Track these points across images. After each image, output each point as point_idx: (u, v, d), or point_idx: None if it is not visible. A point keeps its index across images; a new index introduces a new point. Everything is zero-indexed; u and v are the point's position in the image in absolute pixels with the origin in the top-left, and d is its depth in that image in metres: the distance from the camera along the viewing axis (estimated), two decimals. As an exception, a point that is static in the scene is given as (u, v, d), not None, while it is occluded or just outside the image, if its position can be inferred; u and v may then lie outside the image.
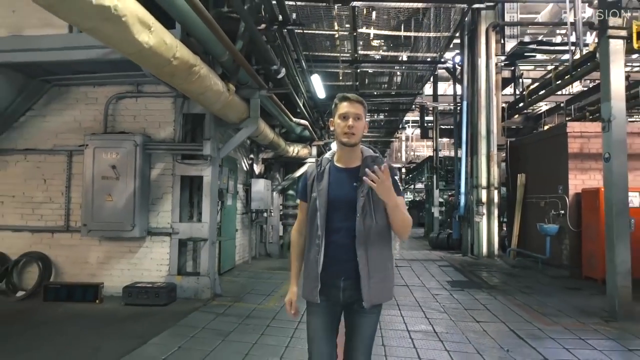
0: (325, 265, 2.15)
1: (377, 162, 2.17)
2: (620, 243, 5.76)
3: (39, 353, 4.11)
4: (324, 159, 2.35)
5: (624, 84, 6.01)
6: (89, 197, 5.96)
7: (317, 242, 2.17)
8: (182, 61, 4.10)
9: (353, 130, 2.16)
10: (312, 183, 2.28)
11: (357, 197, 2.15)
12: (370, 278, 2.11)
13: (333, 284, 2.16)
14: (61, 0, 2.55)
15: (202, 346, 4.25)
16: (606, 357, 4.39)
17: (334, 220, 2.18)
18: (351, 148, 2.22)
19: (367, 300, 2.11)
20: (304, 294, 2.25)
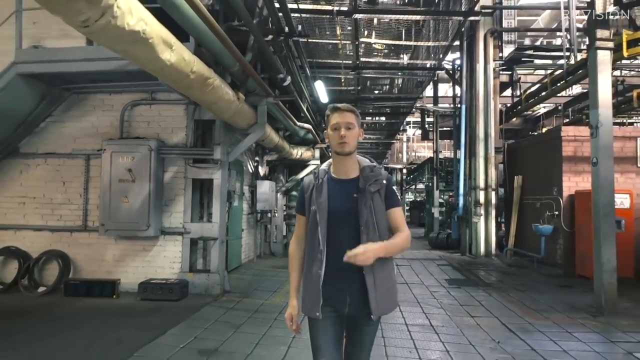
0: (330, 280, 2.13)
1: (375, 173, 2.22)
2: (607, 243, 6.11)
3: (69, 341, 4.49)
4: (320, 170, 2.31)
5: (610, 93, 6.36)
6: (106, 198, 6.34)
7: (319, 256, 2.14)
8: (199, 75, 4.48)
9: (346, 139, 2.15)
10: (310, 196, 2.24)
11: (359, 209, 2.14)
12: (377, 290, 2.11)
13: (338, 297, 2.14)
14: (101, 30, 2.92)
15: (216, 336, 4.63)
16: (589, 348, 4.74)
17: (335, 233, 2.15)
18: (347, 157, 2.21)
19: (375, 312, 2.11)
20: (304, 309, 2.21)
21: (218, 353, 4.16)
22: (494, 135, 11.88)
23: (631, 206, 8.75)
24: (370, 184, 2.17)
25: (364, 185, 2.16)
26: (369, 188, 2.16)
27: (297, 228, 2.38)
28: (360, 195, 2.15)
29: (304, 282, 2.24)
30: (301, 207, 2.30)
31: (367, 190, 2.15)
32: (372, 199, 2.15)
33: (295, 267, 2.32)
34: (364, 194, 2.14)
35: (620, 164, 9.62)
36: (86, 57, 5.89)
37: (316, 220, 2.16)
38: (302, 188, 2.33)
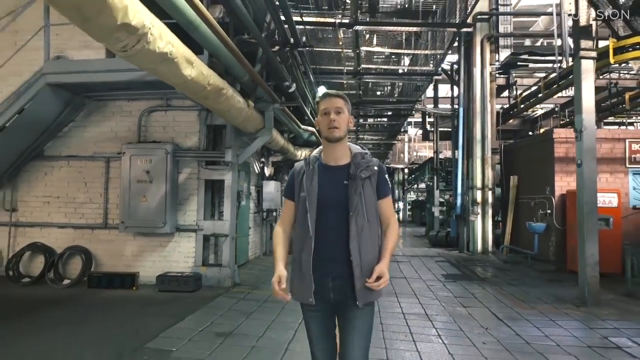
0: (317, 265, 2.13)
1: (366, 159, 2.21)
2: (590, 239, 6.58)
3: (98, 325, 5.01)
4: (311, 157, 2.30)
5: (594, 99, 6.83)
6: (126, 198, 6.86)
7: (309, 242, 2.12)
8: (214, 86, 4.98)
9: (335, 124, 2.14)
10: (300, 182, 2.23)
11: (349, 195, 2.13)
12: (364, 277, 2.08)
13: (322, 284, 2.13)
14: (137, 53, 3.42)
15: (231, 322, 5.14)
16: (569, 333, 5.22)
17: (324, 219, 2.14)
18: (338, 144, 2.20)
19: (360, 298, 2.09)
20: (297, 297, 2.20)
21: (233, 335, 4.66)
22: (490, 136, 12.33)
23: (619, 205, 9.19)
24: (361, 170, 2.16)
25: (355, 171, 2.15)
26: (359, 174, 2.14)
27: (283, 213, 2.37)
28: (351, 181, 2.14)
29: (294, 270, 2.21)
30: (290, 192, 2.29)
31: (358, 176, 2.14)
32: (362, 185, 2.14)
33: (279, 241, 2.28)
34: (355, 180, 2.13)
35: (610, 165, 10.09)
36: (108, 68, 6.41)
37: (305, 207, 2.15)
38: (293, 173, 2.33)
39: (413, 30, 7.37)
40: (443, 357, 4.32)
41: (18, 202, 7.44)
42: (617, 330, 5.35)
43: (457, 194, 13.43)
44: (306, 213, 2.14)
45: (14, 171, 7.33)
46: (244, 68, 5.78)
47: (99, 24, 2.97)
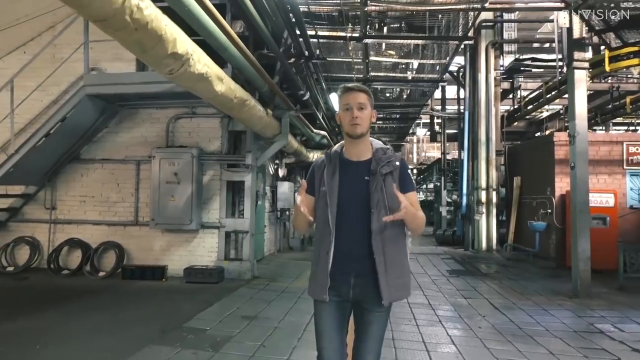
0: (336, 262, 2.09)
1: (388, 155, 2.18)
2: (582, 236, 7.12)
3: (137, 311, 5.68)
4: (333, 152, 2.25)
5: (586, 106, 7.36)
6: (156, 197, 7.54)
7: (329, 238, 2.09)
8: (240, 99, 5.63)
9: (358, 120, 2.10)
10: (321, 176, 2.20)
11: (371, 191, 2.09)
12: (388, 275, 2.05)
13: (343, 280, 2.10)
14: (180, 75, 4.07)
15: (254, 307, 5.79)
16: (559, 320, 5.77)
17: (346, 215, 2.10)
18: (359, 139, 2.16)
19: (386, 297, 2.06)
20: (312, 292, 2.19)
21: (257, 318, 5.31)
22: (494, 139, 12.85)
23: (615, 205, 9.67)
24: (383, 165, 2.12)
25: (376, 167, 2.12)
26: (380, 170, 2.11)
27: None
28: (372, 177, 2.11)
29: (313, 264, 2.21)
30: (310, 187, 2.24)
31: (379, 172, 2.10)
32: (384, 181, 2.10)
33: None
34: (376, 176, 2.10)
35: (608, 166, 10.57)
36: (140, 80, 7.10)
37: (326, 202, 2.12)
38: (313, 168, 2.28)
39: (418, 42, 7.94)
40: (442, 338, 4.91)
41: (57, 201, 8.17)
42: (603, 318, 5.90)
43: (462, 194, 13.97)
44: (327, 208, 2.11)
45: (53, 173, 8.06)
46: (264, 80, 6.42)
47: (154, 54, 3.63)
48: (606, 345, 4.75)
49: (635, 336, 5.07)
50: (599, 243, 8.93)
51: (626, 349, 4.65)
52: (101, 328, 4.87)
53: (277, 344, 4.40)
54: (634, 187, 10.40)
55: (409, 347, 4.51)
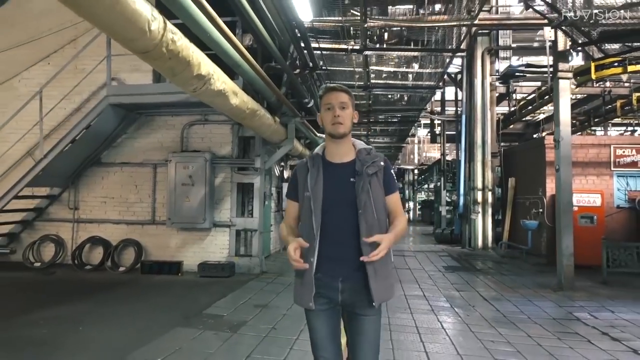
0: (321, 267, 2.07)
1: (372, 155, 2.14)
2: (566, 233, 7.70)
3: (158, 300, 6.31)
4: (314, 154, 2.21)
5: (569, 113, 7.95)
6: (172, 198, 8.16)
7: (313, 244, 2.05)
8: (251, 110, 6.25)
9: (340, 119, 2.07)
10: (303, 181, 2.15)
11: (357, 193, 2.06)
12: (377, 276, 2.05)
13: (330, 285, 2.08)
14: (202, 92, 4.69)
15: (264, 298, 6.40)
16: (541, 309, 6.36)
17: (330, 219, 2.07)
18: (341, 140, 2.13)
19: (377, 299, 2.04)
20: (297, 300, 2.16)
21: (268, 307, 5.92)
22: (490, 141, 13.42)
23: (602, 204, 10.24)
24: (368, 166, 2.10)
25: (361, 168, 2.09)
26: (366, 171, 2.08)
27: (286, 215, 2.30)
28: (358, 178, 2.07)
29: (297, 272, 2.15)
30: (293, 193, 2.22)
31: (365, 173, 2.08)
32: (369, 182, 2.08)
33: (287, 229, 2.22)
34: (362, 177, 2.06)
35: (597, 168, 11.13)
36: (158, 91, 7.73)
37: (310, 207, 2.08)
38: (295, 172, 2.24)
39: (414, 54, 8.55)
40: (433, 323, 5.51)
41: (80, 202, 8.81)
42: (581, 307, 6.48)
43: (459, 194, 14.56)
44: (311, 213, 2.07)
45: (76, 176, 8.70)
46: (272, 91, 7.03)
47: (182, 77, 4.24)
48: (579, 330, 5.34)
49: (606, 322, 5.67)
50: (586, 240, 9.55)
51: (596, 333, 5.24)
52: (130, 314, 5.50)
53: (287, 327, 5.01)
54: (620, 187, 10.95)
55: (403, 330, 5.12)
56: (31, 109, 7.87)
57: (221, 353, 4.15)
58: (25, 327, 4.82)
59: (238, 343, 4.45)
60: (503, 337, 4.97)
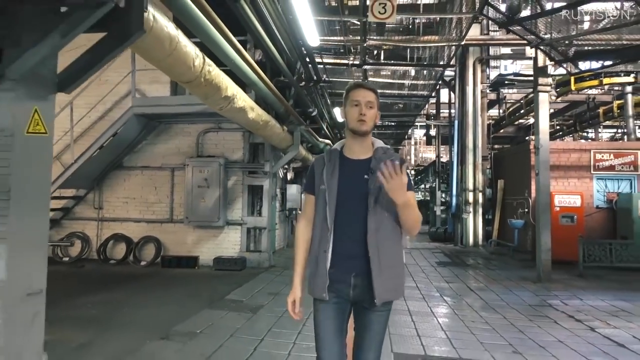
0: (335, 261, 2.09)
1: (388, 154, 2.15)
2: (544, 231, 8.58)
3: (181, 289, 7.15)
4: (332, 150, 2.24)
5: (548, 123, 8.82)
6: (189, 199, 9.01)
7: (327, 236, 2.10)
8: (265, 121, 7.10)
9: (365, 117, 2.08)
10: (320, 174, 2.18)
11: (369, 190, 2.08)
12: (382, 274, 2.05)
13: (343, 280, 2.10)
14: (227, 110, 5.54)
15: (276, 286, 7.26)
16: (519, 297, 7.23)
17: (344, 214, 2.10)
18: (362, 138, 2.15)
19: (378, 297, 2.05)
20: (311, 291, 2.17)
21: (279, 294, 6.77)
22: (481, 145, 14.31)
23: (582, 205, 11.12)
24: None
25: (376, 166, 2.08)
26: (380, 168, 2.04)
27: (305, 208, 2.32)
28: (372, 176, 2.08)
29: (310, 264, 2.19)
30: (310, 186, 2.25)
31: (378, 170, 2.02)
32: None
33: (301, 243, 2.27)
34: (375, 174, 2.03)
35: (578, 171, 12.03)
36: (177, 103, 8.60)
37: (325, 200, 2.12)
38: (313, 166, 2.27)
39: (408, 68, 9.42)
40: (424, 308, 6.37)
41: (103, 202, 9.64)
42: (555, 296, 7.36)
43: (452, 195, 15.45)
44: (325, 206, 2.12)
45: (101, 178, 9.54)
46: (281, 103, 7.88)
47: (213, 99, 5.10)
48: (549, 314, 6.21)
49: (575, 308, 6.54)
50: (567, 238, 10.42)
51: (564, 316, 6.11)
52: (162, 299, 6.35)
53: (298, 310, 5.87)
54: (599, 189, 11.85)
55: (398, 313, 5.97)
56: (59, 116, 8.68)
57: (246, 327, 5.01)
58: (76, 309, 5.66)
59: (258, 321, 5.31)
60: (483, 319, 5.84)
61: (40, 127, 2.83)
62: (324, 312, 2.15)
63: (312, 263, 2.18)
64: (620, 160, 11.80)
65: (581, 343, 4.89)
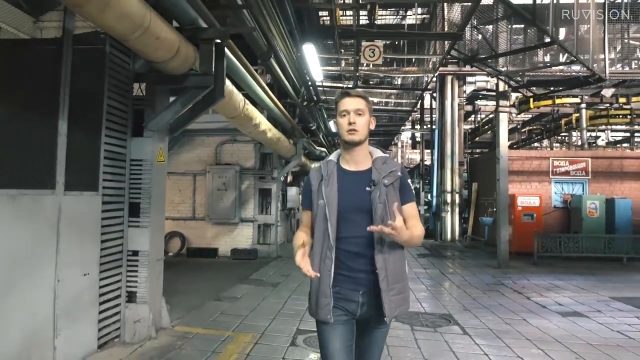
0: (339, 279, 2.01)
1: (389, 164, 2.09)
2: (503, 226, 10.49)
3: (211, 272, 8.88)
4: (329, 161, 2.14)
5: (507, 138, 10.73)
6: (210, 200, 10.74)
7: (329, 254, 2.00)
8: (277, 137, 8.88)
9: (355, 126, 2.01)
10: (317, 189, 2.09)
11: (373, 202, 1.99)
12: (391, 290, 1.99)
13: (350, 299, 2.02)
14: (254, 133, 7.30)
15: (286, 270, 9.04)
16: (480, 279, 9.11)
17: (346, 229, 2.01)
18: (358, 147, 2.07)
19: (389, 314, 1.98)
20: (313, 312, 2.10)
21: (291, 275, 8.54)
22: (458, 152, 16.24)
23: (540, 204, 13.06)
24: (385, 176, 2.03)
25: (378, 177, 2.02)
26: (382, 181, 2.02)
27: (302, 224, 2.23)
28: (375, 188, 2.01)
29: (312, 283, 2.09)
30: (308, 203, 2.15)
31: (382, 183, 2.01)
32: (386, 193, 2.00)
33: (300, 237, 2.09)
34: (378, 187, 1.99)
35: (539, 176, 13.99)
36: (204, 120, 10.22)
37: (325, 215, 2.01)
38: (309, 180, 2.17)
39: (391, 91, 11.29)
40: (403, 285, 8.22)
41: (135, 203, 11.30)
42: (509, 278, 9.24)
43: (433, 195, 17.38)
44: (326, 222, 2.01)
45: (132, 182, 11.20)
46: (289, 122, 9.66)
47: (245, 127, 6.87)
48: (500, 289, 8.08)
49: (521, 285, 8.42)
50: (528, 233, 12.33)
51: (510, 291, 7.98)
52: (202, 280, 8.09)
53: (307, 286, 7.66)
54: (557, 191, 13.84)
55: (383, 288, 7.82)
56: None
57: (272, 295, 6.80)
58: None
59: (280, 291, 7.10)
60: (448, 292, 7.71)
61: (162, 157, 4.59)
62: (330, 333, 2.07)
63: (313, 281, 2.08)
64: (574, 167, 13.80)
65: (515, 305, 6.77)
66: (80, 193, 3.66)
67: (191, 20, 4.21)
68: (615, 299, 7.22)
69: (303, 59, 7.30)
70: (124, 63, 4.23)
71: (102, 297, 3.99)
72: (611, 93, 10.21)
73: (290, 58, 7.12)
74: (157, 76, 4.38)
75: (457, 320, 5.77)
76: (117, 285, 4.25)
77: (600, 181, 13.66)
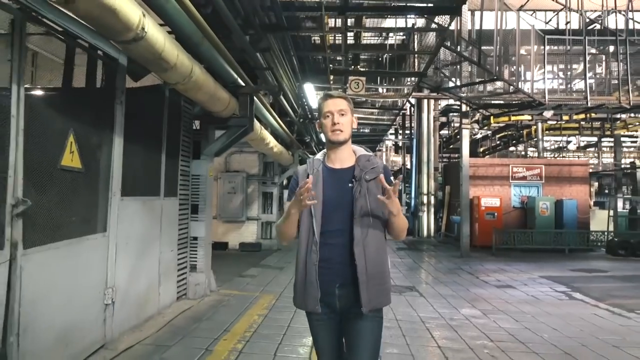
0: (322, 273, 2.09)
1: (372, 162, 2.17)
2: (465, 223, 12.71)
3: (230, 261, 10.85)
4: (315, 160, 2.26)
5: (468, 150, 12.96)
6: (221, 202, 12.73)
7: (314, 248, 2.10)
8: (280, 151, 10.94)
9: (340, 126, 2.11)
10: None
11: (354, 197, 2.08)
12: (369, 282, 2.06)
13: (328, 291, 2.11)
14: (266, 150, 9.36)
15: (288, 259, 11.09)
16: (444, 265, 11.29)
17: (329, 223, 2.11)
18: (342, 146, 2.17)
19: (365, 304, 2.05)
20: (301, 304, 2.17)
21: (291, 263, 10.56)
22: (433, 159, 18.44)
23: (501, 205, 15.29)
24: (366, 172, 2.13)
25: (360, 174, 2.11)
26: (364, 177, 2.11)
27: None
28: (356, 184, 2.10)
29: (298, 276, 2.19)
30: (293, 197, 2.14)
31: (363, 178, 2.10)
32: (367, 188, 2.09)
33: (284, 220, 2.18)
34: (360, 182, 2.08)
35: (500, 180, 16.25)
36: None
37: (310, 211, 2.12)
38: (295, 178, 2.27)
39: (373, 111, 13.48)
40: (382, 270, 10.36)
41: (156, 204, 13.25)
42: (468, 264, 11.44)
43: (412, 197, 19.58)
44: (311, 217, 2.12)
45: (154, 187, 13.16)
46: (289, 137, 11.74)
47: (260, 146, 8.94)
48: (458, 272, 10.26)
49: (475, 269, 10.62)
50: (489, 229, 14.58)
51: (465, 273, 10.17)
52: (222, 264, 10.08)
53: (306, 269, 9.76)
54: (516, 194, 16.13)
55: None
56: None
57: (281, 274, 8.88)
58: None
59: (286, 272, 9.17)
60: (416, 275, 9.87)
61: (211, 173, 6.65)
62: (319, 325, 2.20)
63: (298, 275, 2.18)
64: (531, 172, 16.10)
65: (465, 282, 8.95)
66: (169, 198, 5.71)
67: (233, 80, 6.28)
68: (542, 277, 9.48)
69: (302, 90, 9.39)
70: (189, 110, 6.28)
71: (178, 267, 6.04)
72: (551, 114, 12.41)
73: (292, 89, 9.20)
74: (209, 118, 6.44)
75: (417, 289, 7.92)
76: (185, 259, 6.30)
77: (552, 185, 15.97)
